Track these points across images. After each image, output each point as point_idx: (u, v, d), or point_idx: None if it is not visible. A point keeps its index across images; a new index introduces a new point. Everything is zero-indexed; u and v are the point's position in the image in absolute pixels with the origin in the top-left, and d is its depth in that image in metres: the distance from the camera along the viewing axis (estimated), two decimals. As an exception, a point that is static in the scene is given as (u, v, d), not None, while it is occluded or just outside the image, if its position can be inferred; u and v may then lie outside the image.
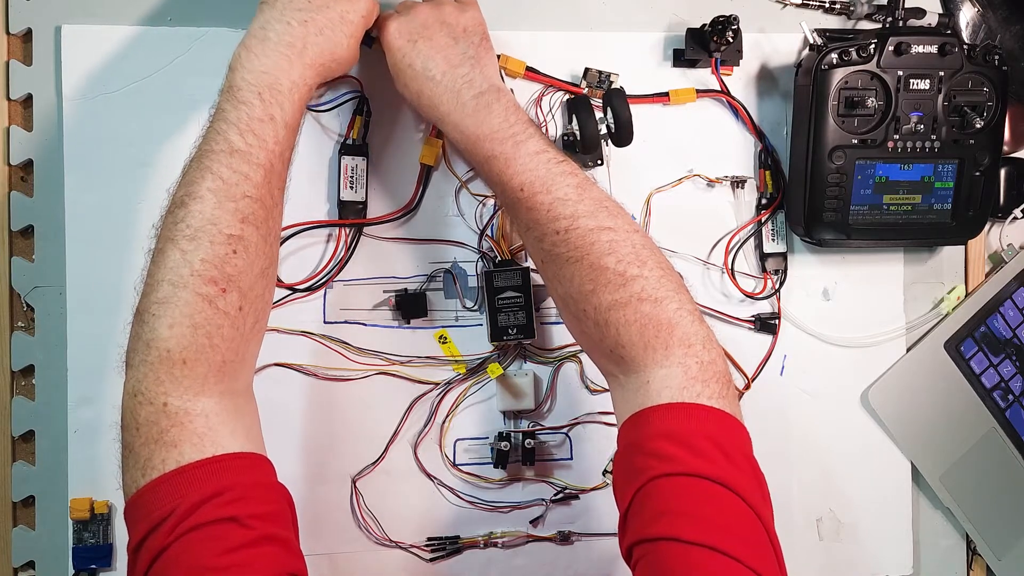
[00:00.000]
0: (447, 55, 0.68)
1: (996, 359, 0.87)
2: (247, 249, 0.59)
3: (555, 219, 0.64)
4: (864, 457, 0.86)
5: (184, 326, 0.57)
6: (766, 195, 0.83)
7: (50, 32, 0.76)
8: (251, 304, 0.60)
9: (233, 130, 0.60)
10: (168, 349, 0.57)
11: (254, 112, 0.61)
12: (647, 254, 0.63)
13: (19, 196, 0.77)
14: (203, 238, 0.58)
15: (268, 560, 0.55)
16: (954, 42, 0.77)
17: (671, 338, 0.60)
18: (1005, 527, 0.88)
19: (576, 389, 0.82)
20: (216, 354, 0.58)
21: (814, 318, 0.85)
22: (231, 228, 0.59)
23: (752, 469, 0.59)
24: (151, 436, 0.56)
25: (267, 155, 0.61)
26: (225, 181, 0.59)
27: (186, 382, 0.57)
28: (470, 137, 0.66)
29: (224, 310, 0.58)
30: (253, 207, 0.60)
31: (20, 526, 0.77)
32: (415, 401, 0.80)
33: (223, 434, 0.58)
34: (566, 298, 0.65)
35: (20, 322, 0.78)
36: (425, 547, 0.80)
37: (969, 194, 0.80)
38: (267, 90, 0.61)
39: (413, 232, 0.80)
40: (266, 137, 0.61)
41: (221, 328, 0.58)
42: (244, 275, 0.59)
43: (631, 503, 0.58)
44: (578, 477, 0.82)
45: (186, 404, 0.57)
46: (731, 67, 0.82)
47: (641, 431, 0.60)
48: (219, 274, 0.58)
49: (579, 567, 0.82)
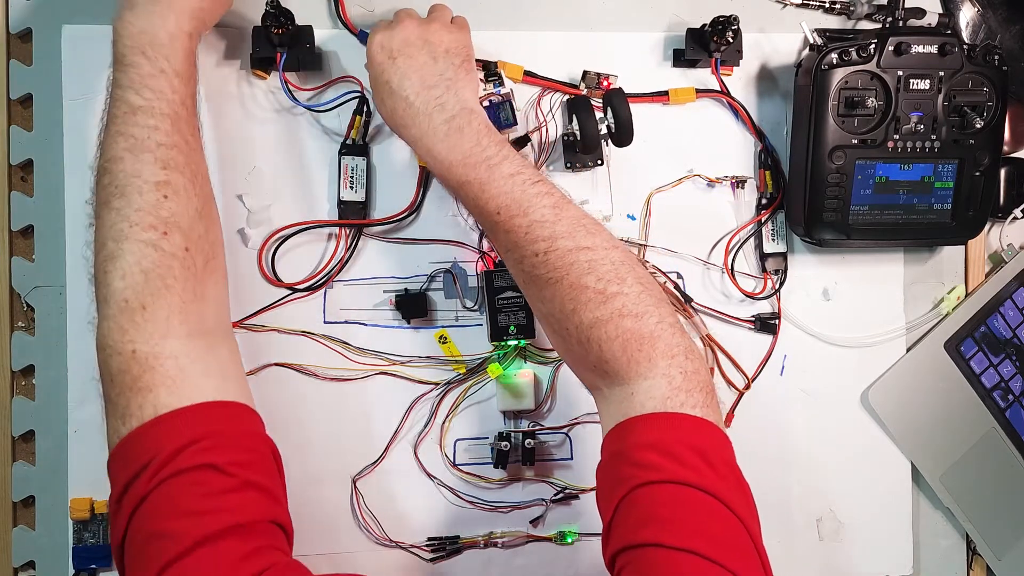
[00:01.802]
0: (423, 75, 0.67)
1: (996, 359, 0.87)
2: (176, 192, 0.61)
3: (533, 241, 0.64)
4: (864, 457, 0.86)
5: (136, 274, 0.59)
6: (766, 195, 0.83)
7: (50, 32, 0.76)
8: (195, 244, 0.62)
9: (129, 92, 0.62)
10: (126, 299, 0.59)
11: (143, 70, 0.63)
12: (626, 270, 0.63)
13: (19, 196, 0.77)
14: (131, 191, 0.60)
15: (251, 505, 0.56)
16: (954, 42, 0.77)
17: (654, 351, 0.61)
18: (1005, 527, 0.88)
19: (576, 389, 0.82)
20: (173, 295, 0.59)
21: (814, 318, 0.85)
22: (155, 176, 0.61)
23: (736, 478, 0.59)
24: (125, 384, 0.58)
25: (168, 104, 0.63)
26: (136, 137, 0.61)
27: (149, 327, 0.59)
28: (443, 162, 0.66)
29: (171, 252, 0.60)
30: (170, 153, 0.62)
31: (20, 526, 0.77)
32: (415, 401, 0.80)
33: (195, 375, 0.59)
34: (548, 317, 0.66)
35: (20, 322, 0.78)
36: (425, 547, 0.80)
37: (969, 194, 0.80)
38: (148, 47, 0.63)
39: (413, 232, 0.80)
40: (162, 89, 0.63)
41: (172, 269, 0.60)
42: (181, 216, 0.61)
43: (615, 512, 0.58)
44: (578, 477, 0.82)
45: (154, 348, 0.58)
46: (731, 67, 0.82)
47: (625, 440, 0.60)
48: (156, 219, 0.60)
49: (579, 567, 0.82)
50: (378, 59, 0.68)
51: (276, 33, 0.73)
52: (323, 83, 0.77)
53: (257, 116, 0.78)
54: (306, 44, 0.76)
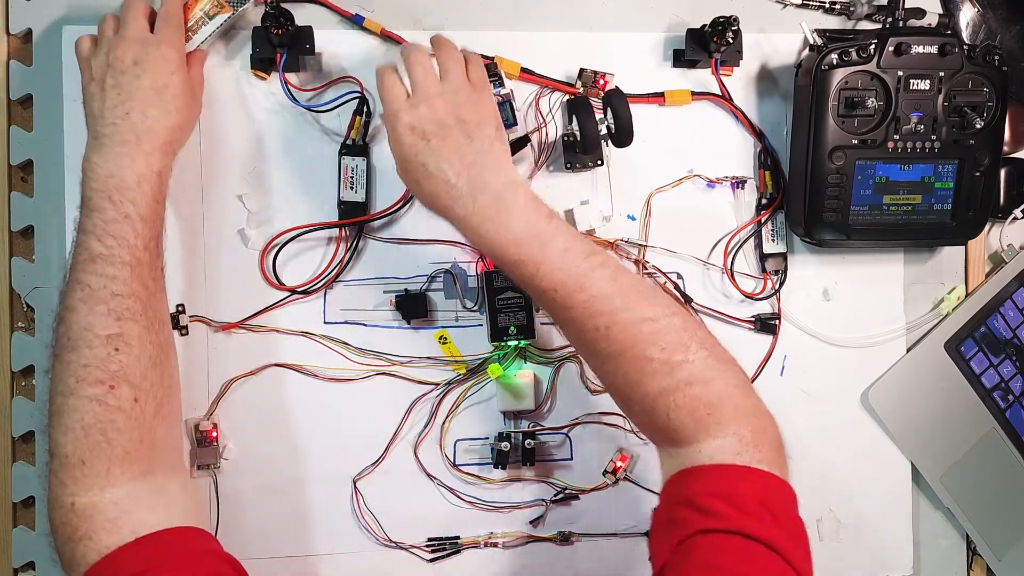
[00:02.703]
0: (462, 155, 0.64)
1: (996, 359, 0.87)
2: (129, 343, 0.62)
3: (593, 316, 0.63)
4: (864, 457, 0.86)
5: (76, 430, 0.60)
6: (766, 195, 0.83)
7: (50, 32, 0.76)
8: (147, 393, 0.62)
9: (91, 238, 0.63)
10: (65, 454, 0.60)
11: (107, 215, 0.63)
12: (688, 336, 0.63)
13: (19, 196, 0.77)
14: (81, 345, 0.61)
15: None
16: (954, 42, 0.77)
17: (723, 415, 0.61)
18: (1005, 527, 0.88)
19: (576, 389, 0.82)
20: (114, 448, 0.60)
21: (814, 318, 0.85)
22: (107, 329, 0.61)
23: (799, 531, 0.60)
24: (66, 535, 0.59)
25: (129, 251, 0.63)
26: (92, 287, 0.62)
27: (88, 480, 0.60)
28: (493, 242, 0.64)
29: (117, 406, 0.61)
30: (126, 303, 0.62)
31: (20, 526, 0.77)
32: (415, 402, 0.80)
33: (139, 513, 0.60)
34: (613, 387, 0.66)
35: (20, 322, 0.78)
36: (425, 547, 0.80)
37: (969, 194, 0.80)
38: (115, 191, 0.64)
39: (413, 231, 0.79)
40: (125, 235, 0.63)
41: (115, 422, 0.60)
42: (131, 367, 0.62)
43: (673, 553, 0.57)
44: (578, 477, 0.82)
45: (93, 499, 0.60)
46: (731, 67, 0.82)
47: (691, 487, 0.60)
48: (103, 373, 0.61)
49: (579, 567, 0.82)
50: (409, 141, 0.65)
51: (276, 33, 0.73)
52: (323, 83, 0.77)
53: (257, 117, 0.78)
54: (306, 44, 0.76)
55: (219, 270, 0.77)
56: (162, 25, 0.69)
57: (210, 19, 0.73)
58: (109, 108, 0.66)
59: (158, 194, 0.66)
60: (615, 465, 0.82)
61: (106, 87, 0.66)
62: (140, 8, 0.69)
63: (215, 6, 0.73)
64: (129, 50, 0.67)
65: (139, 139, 0.65)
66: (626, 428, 0.82)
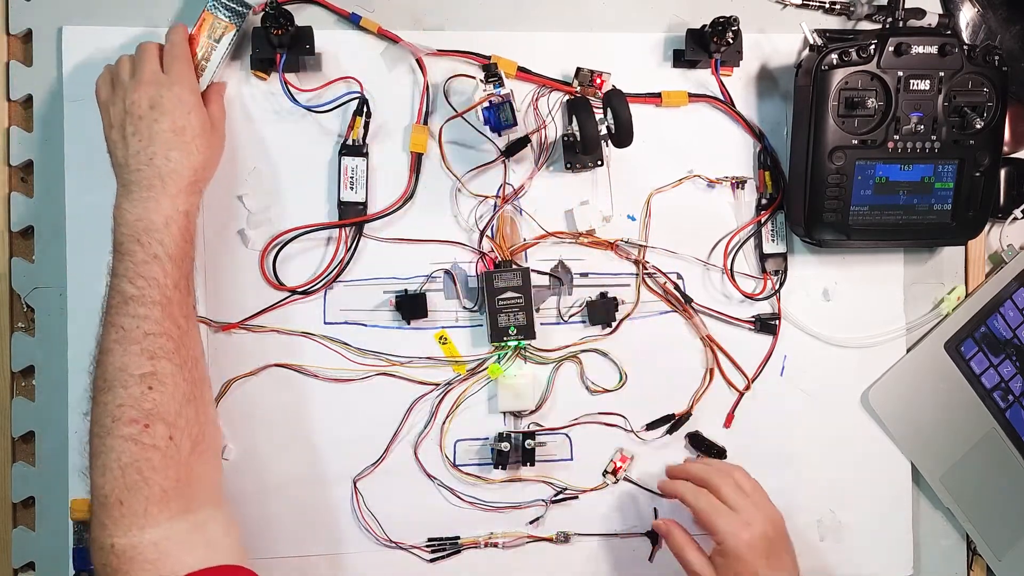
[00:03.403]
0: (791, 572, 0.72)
1: (996, 359, 0.87)
2: (162, 382, 0.63)
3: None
4: (864, 457, 0.86)
5: (113, 470, 0.61)
6: (766, 195, 0.83)
7: (50, 33, 0.76)
8: (182, 431, 0.63)
9: (123, 281, 0.65)
10: (104, 495, 0.61)
11: (137, 258, 0.65)
12: None
13: (19, 196, 0.77)
14: (116, 385, 0.63)
15: None
16: (954, 42, 0.77)
17: None
18: (1005, 527, 0.88)
19: (576, 389, 0.82)
20: (151, 487, 0.61)
21: (814, 318, 0.85)
22: (141, 368, 0.63)
23: None
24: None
25: (160, 291, 0.65)
26: (125, 329, 0.64)
27: (126, 520, 0.60)
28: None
29: (152, 444, 0.62)
30: (159, 341, 0.64)
31: (20, 527, 0.77)
32: (415, 402, 0.80)
33: (178, 554, 0.60)
34: None
35: (20, 323, 0.78)
36: (425, 547, 0.80)
37: (969, 194, 0.80)
38: (144, 234, 0.65)
39: (412, 228, 0.79)
40: (155, 276, 0.65)
41: (151, 461, 0.61)
42: (166, 405, 0.63)
43: None
44: (578, 477, 0.82)
45: (132, 540, 0.60)
46: (731, 68, 0.82)
47: None
48: (138, 412, 0.62)
49: (579, 567, 0.82)
50: (748, 557, 0.70)
51: (276, 34, 0.73)
52: (323, 84, 0.77)
53: (257, 117, 0.78)
54: (306, 45, 0.76)
55: (219, 270, 0.77)
56: (171, 65, 0.70)
57: (218, 42, 0.73)
58: (132, 155, 0.67)
59: (186, 233, 0.67)
60: (615, 465, 0.82)
61: (127, 134, 0.68)
62: (152, 51, 0.71)
63: (219, 28, 0.73)
64: (145, 95, 0.68)
65: (164, 182, 0.66)
66: (626, 428, 0.82)
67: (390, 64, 0.79)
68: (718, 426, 0.84)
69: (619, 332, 0.82)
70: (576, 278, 0.81)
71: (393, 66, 0.79)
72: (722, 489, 0.73)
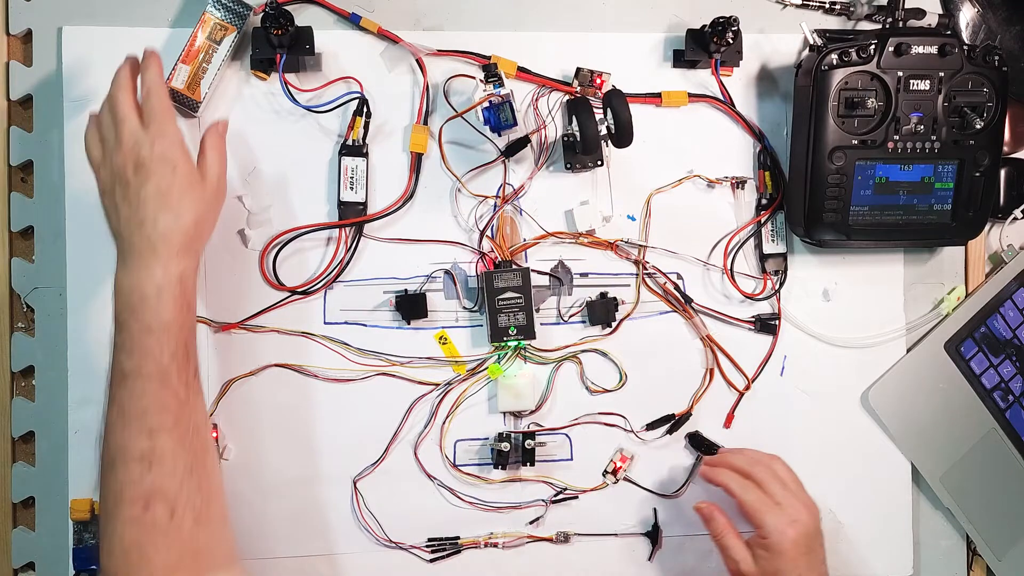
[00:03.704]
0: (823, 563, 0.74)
1: (996, 359, 0.87)
2: (162, 459, 0.62)
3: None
4: (864, 457, 0.86)
5: (116, 553, 0.61)
6: (766, 196, 0.83)
7: (50, 33, 0.76)
8: (184, 504, 0.62)
9: (122, 354, 0.64)
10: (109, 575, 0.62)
11: (132, 330, 0.64)
12: None
13: (19, 196, 0.77)
14: (117, 464, 0.62)
15: None
16: (954, 43, 0.77)
17: None
18: (1005, 527, 0.88)
19: (576, 389, 0.82)
20: (154, 567, 0.61)
21: (814, 318, 0.85)
22: (139, 446, 0.62)
23: None
24: None
25: (155, 364, 0.63)
26: (123, 405, 0.63)
27: None
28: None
29: (151, 523, 0.61)
30: (157, 418, 0.63)
31: (20, 527, 0.77)
32: (415, 402, 0.80)
33: None
34: None
35: (20, 323, 0.78)
36: (425, 547, 0.80)
37: (969, 195, 0.80)
38: (138, 305, 0.64)
39: (412, 228, 0.79)
40: (149, 348, 0.63)
41: (153, 542, 0.61)
42: (166, 483, 0.62)
43: None
44: (578, 477, 0.82)
45: None
46: (731, 68, 0.82)
47: None
48: (137, 492, 0.61)
49: (579, 567, 0.82)
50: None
51: (276, 34, 0.73)
52: (323, 84, 0.77)
53: (257, 117, 0.78)
54: (306, 45, 0.76)
55: (219, 270, 0.77)
56: (151, 118, 0.66)
57: (218, 44, 0.73)
58: (124, 223, 0.65)
59: (180, 299, 0.64)
60: (615, 465, 0.82)
61: (117, 200, 0.66)
62: (127, 102, 0.67)
63: (219, 29, 0.73)
64: (128, 158, 0.65)
65: (155, 249, 0.64)
66: (626, 428, 0.82)
67: (390, 64, 0.79)
68: (718, 426, 0.84)
69: (619, 332, 0.82)
70: (576, 278, 0.81)
71: (393, 66, 0.79)
72: (767, 484, 0.75)
